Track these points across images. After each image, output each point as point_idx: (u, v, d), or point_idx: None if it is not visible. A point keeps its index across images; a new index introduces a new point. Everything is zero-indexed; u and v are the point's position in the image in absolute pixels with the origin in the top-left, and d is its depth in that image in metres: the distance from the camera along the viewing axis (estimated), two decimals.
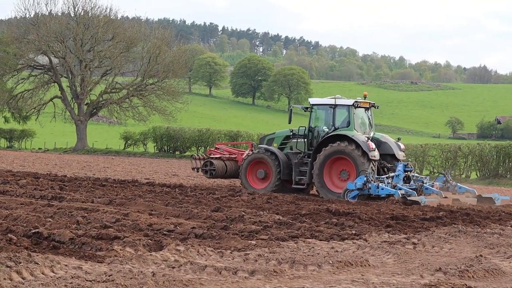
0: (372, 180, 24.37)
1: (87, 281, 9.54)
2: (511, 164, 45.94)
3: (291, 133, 28.38)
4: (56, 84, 72.17)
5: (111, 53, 71.91)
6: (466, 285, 10.53)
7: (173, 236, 14.02)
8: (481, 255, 12.92)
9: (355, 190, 24.42)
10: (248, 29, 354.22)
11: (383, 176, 25.34)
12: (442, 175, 26.86)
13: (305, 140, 27.67)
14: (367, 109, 27.71)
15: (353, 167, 25.86)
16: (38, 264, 10.18)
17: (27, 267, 9.91)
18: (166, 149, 66.67)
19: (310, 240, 14.29)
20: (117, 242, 12.71)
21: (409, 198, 23.63)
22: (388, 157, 27.01)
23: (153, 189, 25.06)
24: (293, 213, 18.85)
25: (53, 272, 10.05)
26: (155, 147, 67.74)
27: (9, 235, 12.78)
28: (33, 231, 13.26)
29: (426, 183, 25.52)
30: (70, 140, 78.18)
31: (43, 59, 75.11)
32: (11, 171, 32.03)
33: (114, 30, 72.41)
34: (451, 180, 26.36)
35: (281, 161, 27.53)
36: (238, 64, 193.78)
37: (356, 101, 26.98)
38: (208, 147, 54.17)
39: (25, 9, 75.19)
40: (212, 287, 9.95)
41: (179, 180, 33.02)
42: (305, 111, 28.41)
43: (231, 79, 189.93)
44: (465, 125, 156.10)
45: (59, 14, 73.94)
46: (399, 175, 25.24)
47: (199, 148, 63.09)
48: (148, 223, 15.42)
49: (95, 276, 9.85)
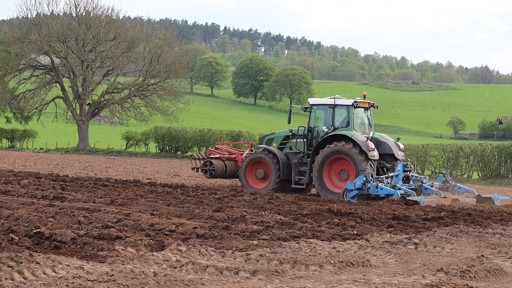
0: (371, 180, 24.37)
1: (88, 281, 9.54)
2: None
3: (291, 133, 28.39)
4: (58, 84, 72.20)
5: (113, 53, 71.91)
6: (467, 285, 10.53)
7: (175, 236, 14.03)
8: (482, 255, 12.93)
9: (354, 190, 24.42)
10: (250, 29, 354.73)
11: (383, 176, 25.35)
12: (441, 175, 26.87)
13: (305, 140, 27.68)
14: (366, 109, 27.71)
15: (353, 167, 25.87)
16: (39, 264, 10.19)
17: (29, 267, 9.92)
18: (167, 149, 66.70)
19: (311, 240, 14.29)
20: (118, 242, 12.72)
21: (408, 198, 23.63)
22: (387, 157, 27.00)
23: (154, 189, 25.07)
24: (294, 213, 18.85)
25: (55, 272, 10.06)
26: (157, 147, 67.77)
27: (10, 235, 12.79)
28: (35, 231, 13.27)
29: (425, 183, 25.52)
30: (71, 140, 78.22)
31: (45, 59, 75.14)
32: (12, 171, 32.05)
33: (116, 30, 72.43)
34: (450, 180, 26.36)
35: (280, 161, 27.54)
36: (240, 64, 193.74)
37: (355, 101, 26.99)
38: (209, 147, 54.20)
39: (27, 9, 75.43)
40: (213, 287, 9.95)
41: (181, 180, 33.02)
42: (305, 111, 28.42)
43: (232, 79, 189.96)
44: (466, 125, 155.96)
45: (61, 14, 74.05)
46: (398, 175, 25.22)
47: (201, 148, 63.07)
48: (149, 223, 15.43)
49: (96, 276, 9.86)
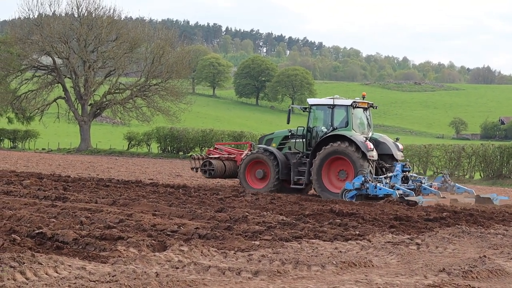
0: (370, 180, 24.37)
1: (90, 281, 9.55)
2: None
3: (290, 133, 28.42)
4: (59, 84, 72.16)
5: (114, 53, 71.87)
6: (470, 286, 10.54)
7: (177, 236, 14.03)
8: (484, 256, 12.93)
9: (353, 190, 24.42)
10: (251, 30, 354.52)
11: (381, 176, 25.35)
12: (440, 175, 26.88)
13: (304, 140, 27.73)
14: (365, 109, 27.74)
15: (351, 167, 25.90)
16: (41, 264, 10.19)
17: (31, 267, 9.92)
18: (169, 149, 66.66)
19: (313, 240, 14.29)
20: (120, 242, 12.72)
21: (406, 198, 23.62)
22: (386, 157, 27.04)
23: (156, 189, 25.08)
24: (296, 213, 18.85)
25: (57, 272, 10.07)
26: (159, 148, 67.73)
27: (12, 235, 12.80)
28: (37, 231, 13.27)
29: (424, 183, 25.51)
30: (73, 140, 78.22)
31: (46, 60, 75.10)
32: (14, 171, 32.06)
33: (117, 30, 72.37)
34: (449, 180, 26.37)
35: (279, 161, 27.57)
36: (241, 64, 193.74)
37: (354, 101, 27.03)
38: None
39: (28, 10, 75.12)
40: (215, 287, 9.95)
41: (183, 180, 33.03)
42: (304, 111, 28.46)
43: (234, 79, 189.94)
44: (468, 125, 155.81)
45: (63, 14, 73.96)
46: (397, 175, 25.23)
47: (203, 148, 63.00)
48: (151, 223, 15.43)
49: (98, 276, 9.86)
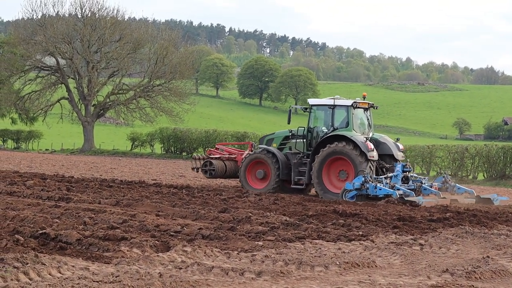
0: (370, 180, 24.36)
1: (94, 282, 9.55)
2: None
3: (290, 134, 28.43)
4: (63, 85, 72.20)
5: (118, 54, 71.89)
6: (473, 286, 10.53)
7: (180, 237, 14.04)
8: (488, 256, 12.92)
9: (353, 190, 24.42)
10: (255, 30, 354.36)
11: (382, 176, 25.35)
12: (441, 176, 26.88)
13: (304, 140, 27.74)
14: (366, 109, 27.74)
15: (352, 168, 25.90)
16: (45, 265, 10.20)
17: (34, 267, 9.93)
18: (173, 150, 66.67)
19: (317, 241, 14.29)
20: (124, 243, 12.73)
21: (406, 198, 23.61)
22: (386, 158, 27.04)
23: (160, 190, 25.08)
24: (300, 214, 18.85)
25: (60, 273, 10.07)
26: (162, 148, 67.75)
27: (16, 236, 12.81)
28: (40, 232, 13.29)
29: (424, 183, 25.51)
30: (77, 141, 78.26)
31: (50, 60, 75.16)
32: (18, 172, 32.09)
33: (121, 31, 72.40)
34: (450, 180, 26.37)
35: (280, 161, 27.58)
36: (245, 65, 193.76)
37: (355, 102, 27.04)
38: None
39: (32, 10, 75.10)
40: None
41: (186, 181, 33.04)
42: (304, 111, 28.47)
43: (238, 80, 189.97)
44: (472, 126, 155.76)
45: (66, 15, 74.00)
46: (397, 175, 25.23)
47: (206, 149, 63.02)
48: (155, 224, 15.44)
49: (102, 277, 9.87)
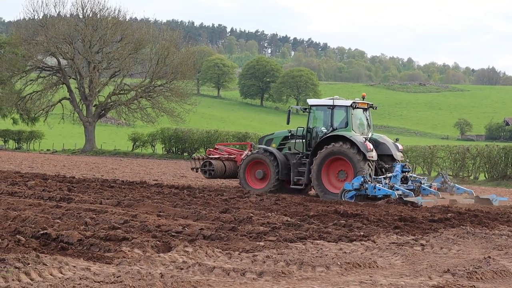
0: (369, 180, 24.37)
1: (95, 282, 9.55)
2: None
3: (290, 134, 28.46)
4: (64, 85, 72.23)
5: (119, 54, 71.91)
6: (474, 287, 10.53)
7: (182, 237, 14.04)
8: (489, 257, 12.91)
9: (352, 190, 24.43)
10: (256, 31, 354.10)
11: (381, 176, 25.36)
12: (440, 176, 26.91)
13: (303, 140, 27.78)
14: (365, 109, 27.78)
15: (351, 168, 25.93)
16: (46, 265, 10.20)
17: (36, 268, 9.93)
18: (174, 150, 66.68)
19: (318, 241, 14.29)
20: (125, 243, 12.73)
21: (405, 198, 23.60)
22: (386, 158, 27.08)
23: (161, 190, 25.08)
24: (301, 214, 18.85)
25: (62, 273, 10.08)
26: (163, 149, 67.76)
27: (17, 236, 12.82)
28: (42, 232, 13.29)
29: (424, 183, 25.51)
30: (78, 141, 78.28)
31: (51, 61, 75.17)
32: (19, 172, 32.09)
33: (122, 31, 72.42)
34: (449, 180, 26.40)
35: (279, 162, 27.61)
36: (246, 65, 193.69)
37: (354, 102, 27.06)
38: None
39: (33, 11, 75.09)
40: None
41: (188, 181, 33.05)
42: (303, 112, 28.50)
43: (239, 80, 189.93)
44: (473, 126, 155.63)
45: (68, 15, 74.01)
46: (396, 175, 25.25)
47: (207, 149, 62.99)
48: (156, 224, 15.44)
49: (103, 277, 9.87)
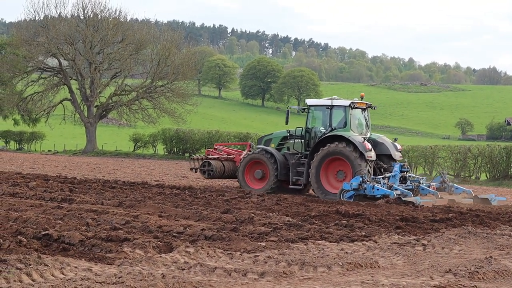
0: (367, 180, 24.38)
1: (97, 283, 9.55)
2: None
3: (289, 134, 28.49)
4: (65, 86, 72.24)
5: (120, 55, 71.91)
6: (476, 287, 10.52)
7: (183, 238, 14.03)
8: (491, 257, 12.91)
9: (350, 190, 24.44)
10: (257, 31, 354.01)
11: (379, 176, 25.37)
12: (439, 176, 26.93)
13: (302, 140, 27.81)
14: (364, 109, 27.80)
15: (350, 168, 25.95)
16: (48, 266, 10.20)
17: (37, 269, 9.93)
18: (175, 151, 66.67)
19: (319, 241, 14.29)
20: (126, 244, 12.73)
21: (404, 198, 23.61)
22: (384, 158, 27.12)
23: (162, 191, 25.08)
24: (302, 214, 18.85)
25: (63, 274, 10.08)
26: (165, 149, 67.76)
27: (19, 237, 12.81)
28: (43, 233, 13.29)
29: (422, 183, 25.52)
30: (79, 142, 78.31)
31: (52, 62, 75.19)
32: (21, 173, 32.09)
33: (123, 32, 72.42)
34: (448, 180, 26.43)
35: (278, 162, 27.64)
36: (247, 66, 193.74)
37: (352, 102, 27.09)
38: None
39: (34, 12, 75.05)
40: None
41: (189, 182, 33.05)
42: (302, 112, 28.52)
43: (240, 81, 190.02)
44: (474, 126, 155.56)
45: (69, 16, 74.07)
46: (395, 175, 25.28)
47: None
48: (157, 225, 15.44)
49: (105, 278, 9.87)
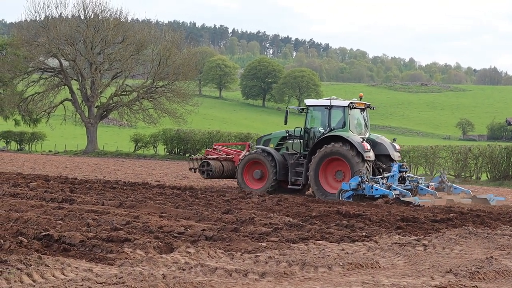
0: (366, 180, 24.38)
1: (97, 283, 9.55)
2: None
3: (287, 134, 28.51)
4: (66, 86, 72.21)
5: (121, 55, 71.88)
6: (476, 287, 10.52)
7: (184, 238, 14.03)
8: (491, 257, 12.91)
9: (349, 190, 24.45)
10: (258, 31, 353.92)
11: (378, 176, 25.38)
12: (438, 176, 26.94)
13: (301, 141, 27.82)
14: (362, 110, 27.82)
15: (348, 168, 25.96)
16: (48, 266, 10.20)
17: (38, 269, 9.93)
18: (176, 151, 66.64)
19: (320, 242, 14.29)
20: (127, 244, 12.73)
21: (403, 198, 23.62)
22: (383, 158, 27.15)
23: (163, 191, 25.08)
24: (303, 215, 18.84)
25: (64, 274, 10.08)
26: (165, 150, 67.74)
27: (19, 237, 12.81)
28: (44, 233, 13.29)
29: (421, 183, 25.53)
30: (80, 142, 78.30)
31: (53, 62, 75.17)
32: (21, 173, 32.09)
33: (124, 32, 72.37)
34: (446, 180, 26.44)
35: (277, 162, 27.66)
36: (248, 66, 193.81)
37: (351, 102, 27.11)
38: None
39: (35, 12, 75.01)
40: None
41: (190, 182, 33.06)
42: (301, 112, 28.53)
43: (241, 81, 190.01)
44: (475, 126, 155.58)
45: (69, 17, 74.04)
46: (394, 175, 25.29)
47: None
48: (158, 225, 15.44)
49: (105, 278, 9.87)
